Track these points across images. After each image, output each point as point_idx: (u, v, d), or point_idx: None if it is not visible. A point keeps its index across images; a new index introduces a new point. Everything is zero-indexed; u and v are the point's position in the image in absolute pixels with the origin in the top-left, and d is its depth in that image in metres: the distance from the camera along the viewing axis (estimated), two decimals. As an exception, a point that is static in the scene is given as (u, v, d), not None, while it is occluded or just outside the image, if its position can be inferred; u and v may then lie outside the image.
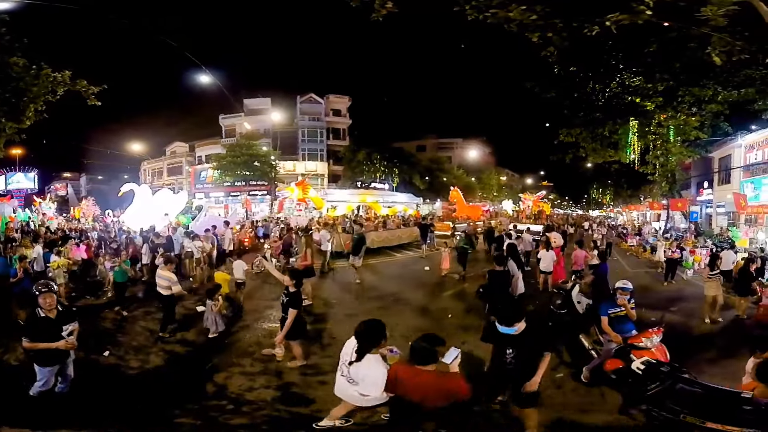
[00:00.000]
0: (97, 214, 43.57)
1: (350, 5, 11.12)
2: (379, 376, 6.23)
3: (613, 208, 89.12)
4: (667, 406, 6.79)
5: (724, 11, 9.75)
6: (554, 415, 7.90)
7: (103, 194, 68.25)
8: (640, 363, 7.98)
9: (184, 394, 8.99)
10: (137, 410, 8.27)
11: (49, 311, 7.71)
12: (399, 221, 38.46)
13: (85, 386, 8.54)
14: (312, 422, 7.63)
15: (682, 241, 26.78)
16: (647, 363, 7.91)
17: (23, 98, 19.84)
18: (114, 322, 13.91)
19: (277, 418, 8.12)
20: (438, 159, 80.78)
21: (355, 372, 6.63)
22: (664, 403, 6.89)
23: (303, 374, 9.91)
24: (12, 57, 18.94)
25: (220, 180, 62.14)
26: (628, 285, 9.67)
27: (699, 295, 17.73)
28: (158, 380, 9.81)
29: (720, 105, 22.86)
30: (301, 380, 9.64)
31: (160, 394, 9.00)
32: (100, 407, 8.17)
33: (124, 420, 7.85)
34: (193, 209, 44.89)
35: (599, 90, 23.82)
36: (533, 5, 10.84)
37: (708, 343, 12.18)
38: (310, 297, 15.51)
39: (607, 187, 78.07)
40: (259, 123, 68.63)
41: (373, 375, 6.35)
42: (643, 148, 30.63)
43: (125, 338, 12.46)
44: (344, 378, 6.91)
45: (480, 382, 7.78)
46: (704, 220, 44.16)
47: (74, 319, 8.26)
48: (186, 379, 9.85)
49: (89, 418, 7.66)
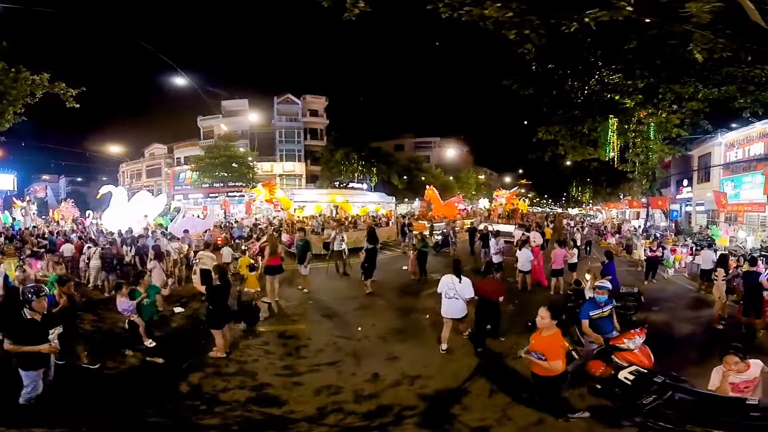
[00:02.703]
0: (76, 216, 43.20)
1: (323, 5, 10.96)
2: (471, 287, 11.34)
3: (593, 206, 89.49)
4: (667, 417, 6.59)
5: (710, 8, 9.65)
6: (535, 417, 7.79)
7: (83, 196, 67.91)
8: (628, 373, 7.78)
9: (159, 394, 8.93)
10: (110, 410, 8.16)
11: (36, 314, 7.57)
12: (370, 221, 37.67)
13: (60, 387, 8.32)
14: (286, 423, 7.83)
15: (663, 240, 26.81)
16: (637, 373, 7.71)
17: (2, 101, 19.71)
18: (91, 324, 13.55)
19: (249, 418, 8.03)
20: (416, 158, 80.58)
21: (461, 289, 11.23)
22: (662, 414, 6.68)
23: (278, 375, 9.86)
24: (-9, 60, 18.71)
25: (198, 181, 62.18)
26: (606, 284, 9.63)
27: (680, 294, 17.87)
28: (133, 381, 9.64)
29: (701, 103, 22.84)
30: (277, 381, 9.55)
31: (135, 395, 8.90)
32: (74, 408, 8.05)
33: (97, 420, 7.74)
34: (171, 211, 44.66)
35: (578, 87, 23.75)
36: (509, 2, 10.70)
37: (692, 343, 12.14)
38: (276, 294, 16.36)
39: (587, 185, 78.26)
40: (237, 124, 68.75)
41: (468, 288, 11.31)
42: (623, 146, 30.66)
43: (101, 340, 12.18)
44: (452, 299, 11.29)
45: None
46: (684, 218, 44.31)
47: (59, 323, 8.22)
48: (161, 379, 9.70)
49: (63, 419, 7.54)
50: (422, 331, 13.12)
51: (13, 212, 37.18)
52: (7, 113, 20.36)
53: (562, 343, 7.38)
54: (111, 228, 27.05)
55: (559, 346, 7.29)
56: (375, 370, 9.96)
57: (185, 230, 22.59)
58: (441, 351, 11.26)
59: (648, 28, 14.14)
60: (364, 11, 10.51)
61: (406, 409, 8.26)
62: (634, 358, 8.29)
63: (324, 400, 8.66)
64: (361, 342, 12.14)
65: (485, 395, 8.82)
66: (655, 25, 13.34)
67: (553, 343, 7.30)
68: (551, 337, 7.39)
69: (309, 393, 8.95)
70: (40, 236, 25.60)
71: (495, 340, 11.70)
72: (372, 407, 8.40)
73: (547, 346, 7.31)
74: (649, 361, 8.33)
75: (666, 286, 19.66)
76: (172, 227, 26.57)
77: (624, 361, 8.32)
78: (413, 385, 9.30)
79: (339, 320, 14.17)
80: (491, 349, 11.46)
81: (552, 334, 7.41)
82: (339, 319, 14.29)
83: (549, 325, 7.49)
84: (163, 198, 36.66)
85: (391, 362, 10.66)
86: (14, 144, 46.46)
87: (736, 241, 26.34)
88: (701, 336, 13.00)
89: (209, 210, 45.60)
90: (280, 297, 16.37)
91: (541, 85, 23.88)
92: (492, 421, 7.81)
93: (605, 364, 8.53)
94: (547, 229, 32.77)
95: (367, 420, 7.98)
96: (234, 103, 71.25)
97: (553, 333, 7.42)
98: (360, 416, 8.08)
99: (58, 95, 20.51)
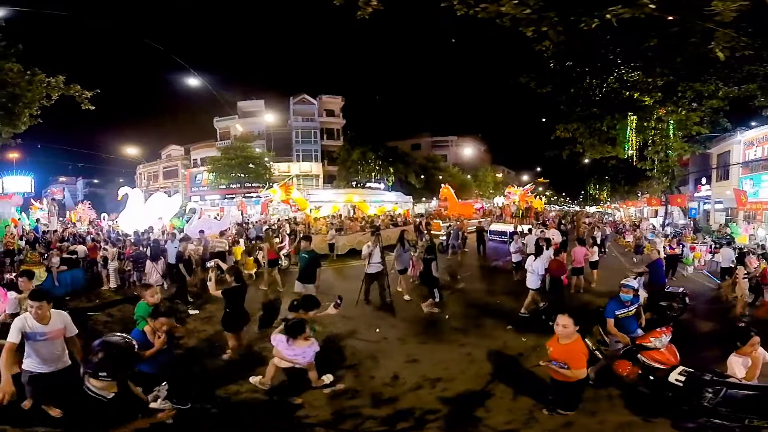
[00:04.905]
0: (93, 218, 43.36)
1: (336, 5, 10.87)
2: (542, 263, 14.31)
3: (611, 204, 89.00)
4: (726, 414, 6.55)
5: (736, 6, 9.51)
6: (562, 419, 7.66)
7: (100, 198, 68.16)
8: (678, 374, 7.68)
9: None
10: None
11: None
12: (387, 221, 37.76)
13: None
14: (301, 428, 7.72)
15: (682, 238, 26.63)
16: (686, 373, 7.61)
17: (18, 103, 19.75)
18: (105, 325, 13.70)
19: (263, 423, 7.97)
20: (433, 157, 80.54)
21: (537, 265, 14.24)
22: (721, 412, 6.64)
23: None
24: (7, 63, 18.76)
25: (215, 183, 62.23)
26: (632, 282, 9.48)
27: (701, 291, 17.64)
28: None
29: (720, 101, 22.65)
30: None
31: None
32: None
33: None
34: (187, 212, 44.73)
35: (596, 85, 23.56)
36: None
37: (715, 340, 11.93)
38: (281, 284, 18.16)
39: (605, 183, 77.76)
40: (253, 125, 68.91)
41: (538, 264, 14.18)
42: (641, 144, 30.41)
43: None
44: (529, 273, 14.54)
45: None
46: (702, 216, 44.02)
47: (161, 379, 6.95)
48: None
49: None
50: (442, 333, 13.00)
51: (31, 214, 37.14)
52: (23, 116, 20.40)
53: (583, 349, 7.26)
54: (127, 229, 27.10)
55: (581, 353, 7.16)
56: (394, 373, 9.83)
57: (201, 230, 22.62)
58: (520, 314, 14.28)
59: (669, 25, 14.00)
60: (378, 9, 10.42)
61: (428, 413, 8.11)
62: (661, 356, 8.17)
63: (341, 404, 8.52)
64: (379, 343, 12.01)
65: (509, 397, 8.66)
66: (676, 23, 13.20)
67: (574, 351, 7.16)
68: (573, 345, 7.23)
69: (325, 396, 8.78)
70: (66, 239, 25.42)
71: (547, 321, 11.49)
72: (391, 411, 8.24)
73: (569, 354, 7.16)
74: (675, 359, 8.20)
75: (685, 284, 19.43)
76: (187, 228, 26.63)
77: (651, 360, 8.20)
78: (434, 388, 9.14)
79: (356, 321, 13.96)
80: (513, 350, 11.33)
81: (572, 342, 7.23)
82: (356, 320, 14.08)
83: (570, 333, 7.33)
84: (179, 199, 36.74)
85: (411, 364, 10.49)
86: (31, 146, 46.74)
87: (755, 239, 26.13)
88: (724, 333, 12.87)
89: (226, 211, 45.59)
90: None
91: (559, 83, 23.71)
92: (519, 424, 7.67)
93: (632, 364, 8.42)
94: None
95: (387, 425, 7.82)
96: (250, 103, 71.56)
97: (574, 340, 7.24)
98: (379, 421, 7.91)
99: (74, 97, 20.48)
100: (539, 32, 11.54)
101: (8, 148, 27.92)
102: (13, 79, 18.98)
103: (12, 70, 18.85)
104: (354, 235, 29.95)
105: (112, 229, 31.23)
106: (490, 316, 14.33)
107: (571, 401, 7.67)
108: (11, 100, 19.49)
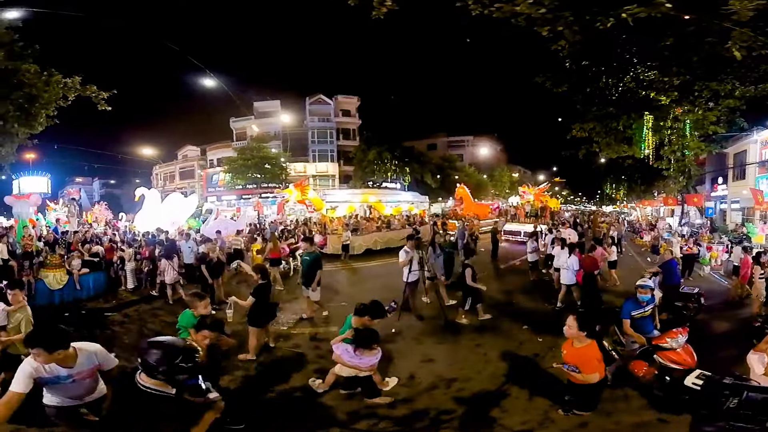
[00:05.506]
0: (109, 218, 43.51)
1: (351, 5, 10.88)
2: (576, 260, 15.07)
3: (627, 203, 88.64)
4: (748, 417, 6.45)
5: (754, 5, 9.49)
6: (578, 419, 7.64)
7: (117, 198, 68.47)
8: (696, 378, 7.56)
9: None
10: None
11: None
12: (404, 221, 37.71)
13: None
14: (316, 428, 7.69)
15: (699, 237, 26.53)
16: (705, 377, 7.49)
17: (35, 104, 19.86)
18: (120, 325, 13.82)
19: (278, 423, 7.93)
20: (449, 157, 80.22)
21: (570, 262, 15.10)
22: (742, 415, 6.53)
23: (308, 377, 9.50)
24: (24, 63, 18.93)
25: (231, 183, 62.36)
26: (648, 282, 9.44)
27: (717, 291, 17.57)
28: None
29: (737, 100, 22.53)
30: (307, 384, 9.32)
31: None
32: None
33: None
34: (203, 212, 44.86)
35: (612, 84, 23.52)
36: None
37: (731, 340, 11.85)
38: (279, 284, 18.61)
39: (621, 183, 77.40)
40: (269, 125, 69.06)
41: (573, 260, 15.10)
42: (658, 143, 30.28)
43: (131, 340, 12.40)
44: (563, 270, 15.56)
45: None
46: (718, 216, 43.78)
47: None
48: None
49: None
50: (458, 333, 13.00)
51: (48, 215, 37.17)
52: (40, 116, 20.55)
53: (597, 355, 7.18)
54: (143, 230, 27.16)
55: (593, 359, 7.11)
56: (410, 373, 9.83)
57: (218, 231, 22.69)
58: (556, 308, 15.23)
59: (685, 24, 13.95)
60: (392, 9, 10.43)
61: (443, 414, 8.12)
62: (677, 357, 8.14)
63: (356, 404, 8.52)
64: (396, 344, 11.98)
65: (525, 398, 8.64)
66: (692, 22, 13.16)
67: (587, 356, 7.13)
68: (585, 349, 7.20)
69: (340, 396, 8.79)
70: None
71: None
72: (407, 411, 8.26)
73: (581, 358, 7.15)
74: (692, 359, 8.17)
75: (702, 284, 19.34)
76: (204, 229, 26.72)
77: (667, 360, 8.16)
78: (450, 389, 9.15)
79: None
80: (529, 350, 11.32)
81: (586, 346, 7.20)
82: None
83: (578, 335, 7.30)
84: (195, 199, 36.74)
85: (427, 364, 10.51)
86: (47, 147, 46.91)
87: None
88: (740, 333, 12.79)
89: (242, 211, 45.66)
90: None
91: (575, 82, 23.69)
92: (534, 424, 7.64)
93: (648, 364, 8.39)
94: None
95: (402, 425, 7.84)
96: (266, 104, 71.61)
97: (587, 344, 7.20)
98: (394, 421, 7.94)
99: (90, 98, 20.53)
100: (555, 32, 11.54)
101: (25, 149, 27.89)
102: (30, 80, 19.13)
103: (29, 70, 19.03)
104: (370, 235, 30.03)
105: (128, 230, 31.30)
106: (506, 316, 14.30)
107: (588, 402, 7.66)
108: (28, 101, 19.64)
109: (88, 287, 17.26)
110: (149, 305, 16.30)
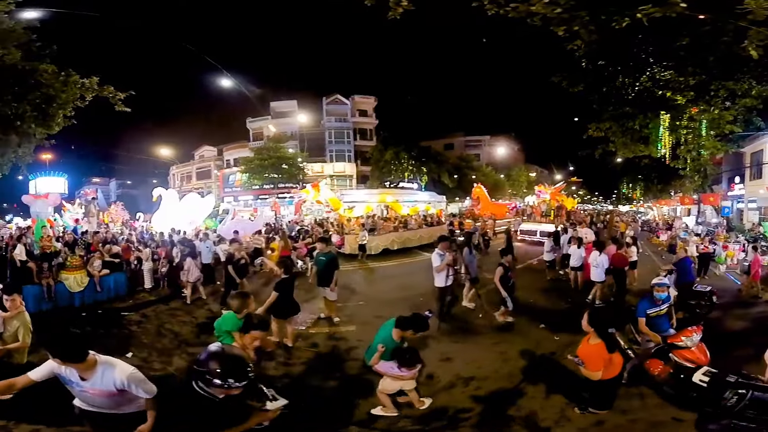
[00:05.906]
0: (126, 219, 43.68)
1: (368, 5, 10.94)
2: (606, 258, 15.73)
3: (643, 203, 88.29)
4: (752, 416, 6.50)
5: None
6: (593, 418, 7.72)
7: (133, 199, 68.79)
8: (702, 375, 7.65)
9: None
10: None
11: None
12: (420, 221, 37.75)
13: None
14: (334, 427, 7.83)
15: (715, 236, 26.47)
16: (710, 374, 7.59)
17: (52, 104, 19.88)
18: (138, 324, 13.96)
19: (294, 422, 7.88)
20: (466, 157, 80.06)
21: (601, 260, 15.73)
22: (746, 414, 6.58)
23: (327, 377, 9.88)
24: (42, 64, 19.05)
25: (248, 183, 62.57)
26: (664, 281, 9.49)
27: (731, 290, 17.58)
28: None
29: (754, 99, 22.36)
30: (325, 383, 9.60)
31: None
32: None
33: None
34: (220, 213, 45.04)
35: (629, 84, 23.42)
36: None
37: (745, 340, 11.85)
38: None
39: (637, 182, 77.09)
40: (286, 125, 69.13)
41: (603, 258, 15.75)
42: (674, 143, 30.20)
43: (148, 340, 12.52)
44: (593, 267, 16.08)
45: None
46: (735, 215, 43.58)
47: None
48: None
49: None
50: (476, 331, 13.13)
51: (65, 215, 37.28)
52: (57, 117, 20.55)
53: (603, 354, 7.19)
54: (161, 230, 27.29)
55: (599, 358, 7.15)
56: (428, 372, 9.82)
57: (235, 231, 22.83)
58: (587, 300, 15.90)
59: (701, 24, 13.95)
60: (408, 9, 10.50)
61: (461, 412, 8.22)
62: (692, 355, 8.19)
63: (374, 402, 8.54)
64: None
65: (542, 396, 8.71)
66: (708, 22, 13.16)
67: (594, 353, 7.19)
68: (594, 347, 7.24)
69: (358, 395, 8.90)
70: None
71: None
72: (425, 410, 8.35)
73: (588, 354, 7.23)
74: (705, 358, 8.22)
75: (717, 283, 19.31)
76: (221, 229, 26.87)
77: (682, 359, 8.22)
78: (468, 387, 9.24)
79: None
80: (546, 349, 11.38)
81: (596, 344, 7.24)
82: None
83: (589, 331, 7.38)
84: (212, 199, 36.90)
85: (445, 363, 10.58)
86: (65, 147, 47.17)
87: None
88: (752, 331, 12.80)
89: (259, 211, 45.79)
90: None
91: (591, 82, 23.65)
92: (551, 423, 7.72)
93: (663, 363, 8.44)
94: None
95: (420, 423, 7.93)
96: (283, 104, 71.70)
97: (597, 344, 7.25)
98: (412, 420, 8.04)
99: (107, 99, 20.53)
100: (570, 31, 11.57)
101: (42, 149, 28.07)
102: (48, 80, 19.17)
103: (47, 71, 19.07)
104: (388, 235, 30.08)
105: (145, 230, 31.46)
106: (523, 315, 14.26)
107: (603, 400, 7.72)
108: (46, 102, 19.68)
109: (109, 288, 17.16)
110: (166, 305, 16.45)
